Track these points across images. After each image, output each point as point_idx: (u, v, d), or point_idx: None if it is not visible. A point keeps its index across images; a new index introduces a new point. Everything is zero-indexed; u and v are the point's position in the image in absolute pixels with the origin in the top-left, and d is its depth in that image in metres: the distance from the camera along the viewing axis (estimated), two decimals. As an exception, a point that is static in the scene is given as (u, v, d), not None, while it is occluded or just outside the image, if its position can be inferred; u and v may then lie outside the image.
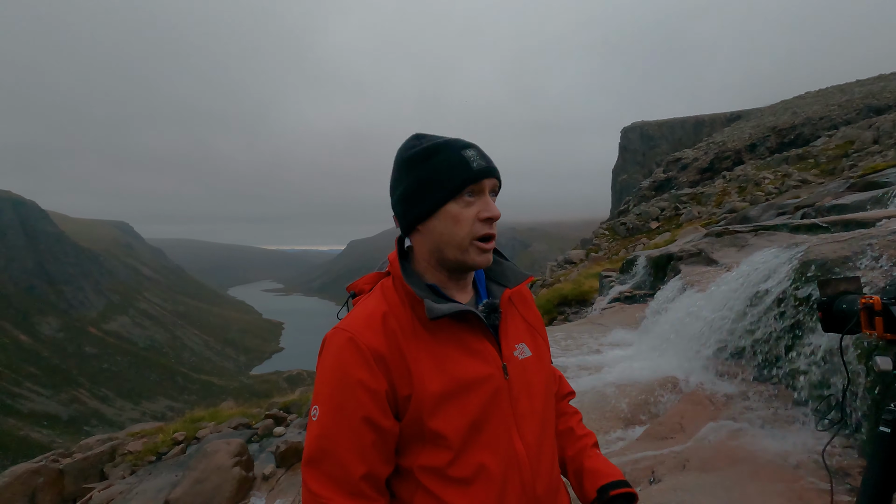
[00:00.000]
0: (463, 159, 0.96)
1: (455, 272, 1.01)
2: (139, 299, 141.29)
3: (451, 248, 0.96)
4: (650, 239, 21.06)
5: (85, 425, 72.51)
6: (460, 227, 0.95)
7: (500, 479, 0.92)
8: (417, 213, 0.98)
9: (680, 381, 3.39)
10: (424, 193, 0.96)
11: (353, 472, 0.87)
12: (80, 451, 7.43)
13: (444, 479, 0.91)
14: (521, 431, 0.97)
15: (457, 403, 0.91)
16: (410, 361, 0.91)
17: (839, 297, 1.17)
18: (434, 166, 0.96)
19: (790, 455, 2.22)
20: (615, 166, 71.58)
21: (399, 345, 0.92)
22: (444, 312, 0.91)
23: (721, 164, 33.73)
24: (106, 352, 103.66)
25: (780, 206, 10.82)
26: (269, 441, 7.27)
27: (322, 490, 0.87)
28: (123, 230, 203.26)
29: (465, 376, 0.93)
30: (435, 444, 0.91)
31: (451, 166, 0.95)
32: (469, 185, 0.95)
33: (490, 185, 0.98)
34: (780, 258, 3.15)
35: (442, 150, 0.97)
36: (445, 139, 0.99)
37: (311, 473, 0.88)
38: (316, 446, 0.89)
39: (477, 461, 0.91)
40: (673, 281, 5.53)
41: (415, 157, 0.98)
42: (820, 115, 33.96)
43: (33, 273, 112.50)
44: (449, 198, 0.95)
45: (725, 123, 55.58)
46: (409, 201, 0.99)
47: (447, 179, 0.94)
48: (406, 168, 0.99)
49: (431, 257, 1.00)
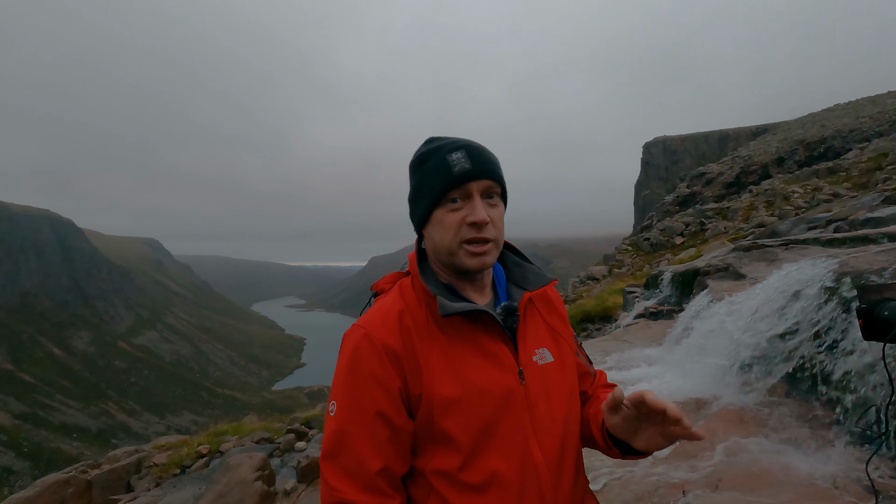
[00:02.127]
0: (446, 164, 0.94)
1: (458, 274, 1.00)
2: (167, 314, 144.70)
3: (443, 252, 0.97)
4: (675, 254, 20.64)
5: (113, 438, 74.00)
6: (447, 233, 0.94)
7: (515, 488, 0.89)
8: (417, 218, 1.01)
9: (709, 399, 3.28)
10: (419, 199, 0.98)
11: (370, 467, 0.88)
12: (108, 463, 7.57)
13: (456, 485, 0.90)
14: (539, 439, 0.93)
15: (467, 406, 0.89)
16: (423, 360, 0.91)
17: (881, 303, 1.11)
18: (424, 172, 0.97)
19: (827, 475, 2.11)
20: (637, 181, 70.75)
21: (413, 343, 0.92)
22: (456, 310, 0.90)
23: (747, 178, 33.01)
24: (134, 366, 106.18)
25: (810, 221, 10.50)
26: (290, 456, 7.28)
27: (339, 484, 0.87)
28: (153, 247, 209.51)
29: (477, 379, 0.91)
30: (446, 447, 0.90)
31: (436, 172, 0.95)
32: (451, 191, 0.93)
33: (480, 188, 0.95)
34: (814, 270, 3.05)
35: (433, 155, 0.97)
36: (442, 143, 0.98)
37: (329, 467, 0.90)
38: (334, 440, 0.90)
39: (489, 467, 0.89)
40: (700, 296, 5.40)
41: (413, 163, 1.01)
42: (850, 127, 33.03)
43: (68, 289, 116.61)
44: (434, 205, 0.95)
45: (751, 137, 54.53)
46: (411, 206, 1.02)
47: (432, 186, 0.95)
48: (410, 173, 1.02)
49: (436, 259, 1.02)
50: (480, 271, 0.98)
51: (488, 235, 0.94)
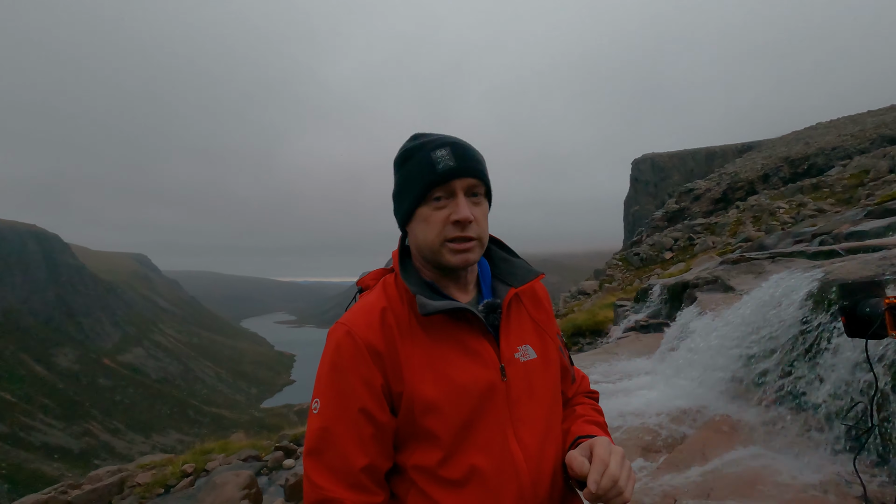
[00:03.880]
0: (430, 161, 0.93)
1: (442, 271, 1.00)
2: (154, 331, 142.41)
3: (426, 250, 0.97)
4: (664, 269, 20.81)
5: (95, 458, 71.97)
6: (430, 231, 0.94)
7: (494, 483, 0.90)
8: (400, 215, 1.01)
9: (699, 409, 3.28)
10: (402, 196, 0.99)
11: (354, 464, 0.88)
12: (89, 483, 7.36)
13: (436, 480, 0.90)
14: (518, 435, 0.93)
15: (448, 404, 0.90)
16: (404, 358, 0.92)
17: (862, 300, 1.14)
18: (408, 169, 0.97)
19: (817, 481, 2.11)
20: (627, 197, 71.63)
21: (395, 341, 0.92)
22: (436, 309, 0.90)
23: (734, 194, 33.56)
24: (119, 384, 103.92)
25: (796, 234, 10.67)
26: (278, 474, 7.13)
27: (323, 481, 0.87)
28: (142, 262, 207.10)
29: (458, 376, 0.91)
30: (426, 443, 0.90)
31: (420, 169, 0.94)
32: (434, 189, 0.93)
33: (464, 186, 0.94)
34: (799, 280, 3.09)
35: (417, 152, 0.97)
36: (426, 140, 0.98)
37: (313, 464, 0.89)
38: (317, 437, 0.90)
39: (468, 463, 0.89)
40: (689, 309, 5.43)
41: (398, 160, 1.01)
42: (833, 145, 33.83)
43: (53, 305, 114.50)
44: (417, 202, 0.95)
45: (737, 154, 55.62)
46: (395, 203, 1.02)
47: (414, 183, 0.95)
48: (395, 169, 1.03)
49: (419, 256, 1.02)
50: (464, 268, 0.98)
51: (472, 234, 0.94)
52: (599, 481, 0.80)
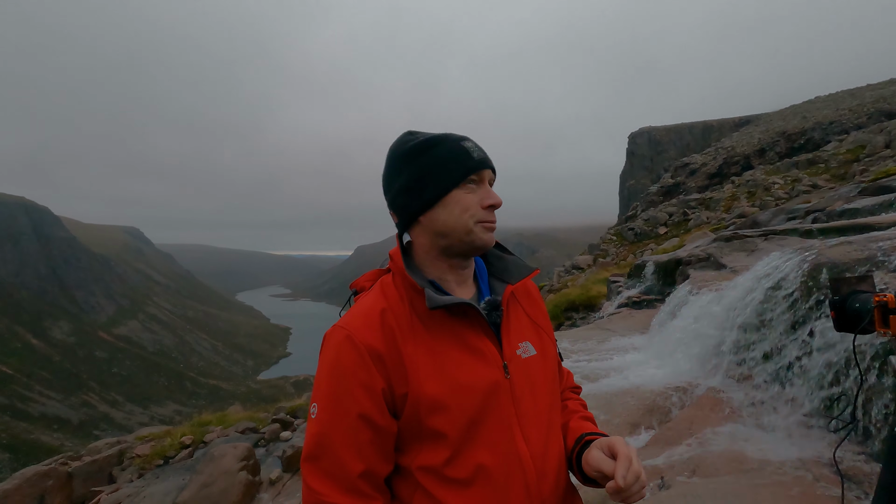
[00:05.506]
0: (464, 149, 0.99)
1: (458, 258, 1.01)
2: (149, 304, 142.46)
3: (458, 231, 0.97)
4: (658, 244, 20.92)
5: (94, 429, 73.00)
6: (465, 213, 0.97)
7: (501, 482, 0.90)
8: (421, 203, 0.98)
9: (689, 386, 3.35)
10: (428, 183, 0.97)
11: (351, 470, 0.88)
12: (88, 455, 7.47)
13: (443, 480, 0.90)
14: (524, 432, 0.95)
15: (453, 403, 0.89)
16: (407, 359, 0.91)
17: (852, 295, 1.15)
18: (436, 156, 0.98)
19: (802, 461, 2.17)
20: (623, 171, 71.34)
21: (396, 342, 0.92)
22: (444, 303, 0.90)
23: (730, 169, 33.49)
24: (116, 356, 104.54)
25: (790, 211, 10.71)
26: (275, 445, 7.27)
27: (320, 487, 0.87)
28: (134, 236, 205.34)
29: (462, 375, 0.91)
30: (432, 442, 0.90)
31: (454, 155, 0.98)
32: (471, 174, 0.97)
33: (490, 176, 1.01)
34: (791, 262, 3.11)
35: (442, 142, 0.99)
36: (442, 133, 1.02)
37: (310, 470, 0.89)
38: (314, 443, 0.89)
39: (475, 462, 0.90)
40: (682, 286, 5.48)
41: (414, 150, 1.00)
42: (830, 119, 33.63)
43: (46, 278, 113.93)
44: (453, 185, 0.97)
45: (734, 128, 55.23)
46: (411, 192, 0.99)
47: (450, 168, 0.97)
48: (405, 160, 1.00)
49: (434, 247, 1.00)
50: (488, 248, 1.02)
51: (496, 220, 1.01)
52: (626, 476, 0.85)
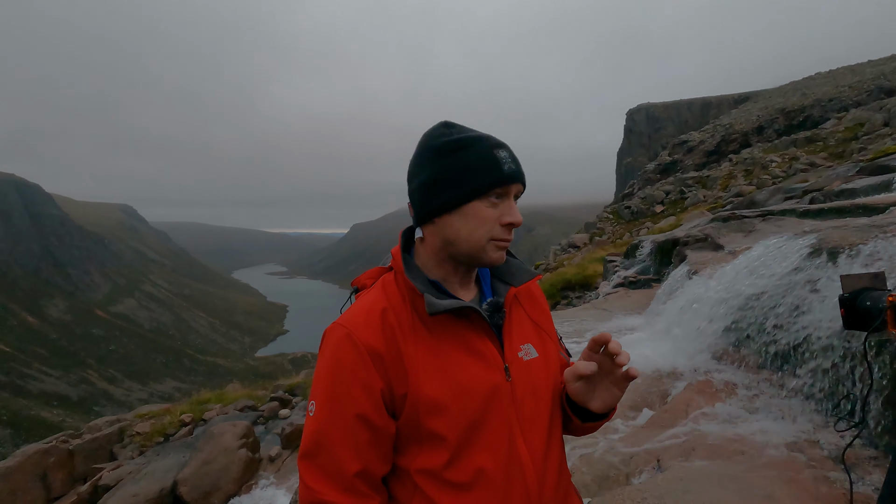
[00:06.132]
0: (495, 159, 0.92)
1: (463, 265, 0.98)
2: (145, 282, 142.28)
3: (468, 244, 0.93)
4: (655, 223, 20.94)
5: (94, 405, 73.77)
6: (481, 228, 0.92)
7: (501, 486, 0.89)
8: (437, 204, 0.93)
9: (686, 369, 3.38)
10: (449, 186, 0.92)
11: (347, 469, 0.87)
12: (89, 432, 7.55)
13: (442, 483, 0.89)
14: (525, 436, 0.93)
15: (454, 404, 0.88)
16: (407, 360, 0.89)
17: (863, 293, 1.12)
18: (463, 160, 0.92)
19: (797, 444, 2.21)
20: (620, 149, 70.87)
21: (397, 342, 0.90)
22: (444, 308, 0.88)
23: (728, 146, 33.30)
24: (113, 334, 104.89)
25: (787, 191, 10.69)
26: (274, 423, 7.36)
27: (317, 484, 0.87)
28: (128, 213, 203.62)
29: (464, 377, 0.90)
30: (431, 444, 0.89)
31: (483, 164, 0.91)
32: (496, 187, 0.91)
33: (517, 191, 0.95)
34: (791, 245, 3.10)
35: (474, 145, 0.92)
36: (478, 134, 0.95)
37: (307, 467, 0.89)
38: (312, 441, 0.88)
39: (475, 465, 0.89)
40: (679, 267, 5.49)
41: (444, 147, 0.93)
42: (830, 96, 33.33)
43: (39, 256, 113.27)
44: (475, 196, 0.91)
45: (733, 105, 54.73)
46: (430, 191, 0.94)
47: (476, 177, 0.90)
48: (432, 156, 0.94)
49: (442, 250, 0.96)
50: (495, 266, 0.99)
51: (512, 238, 0.96)
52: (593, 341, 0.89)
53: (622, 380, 0.92)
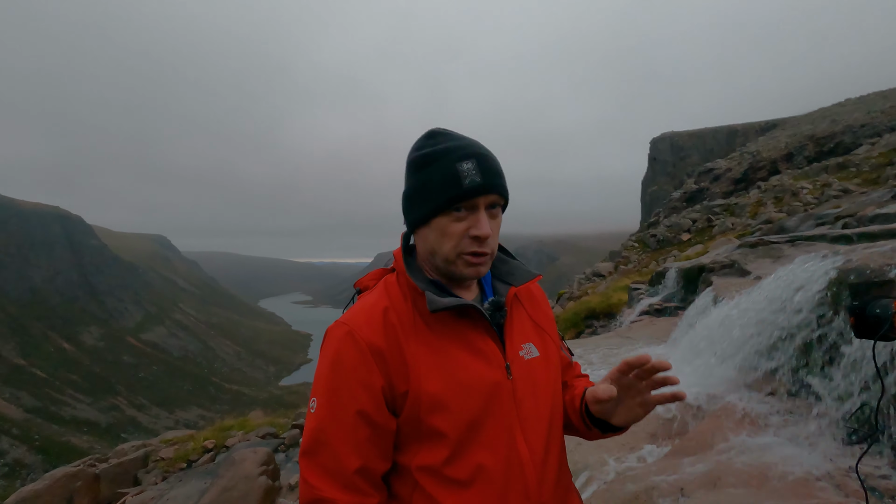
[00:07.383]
0: (455, 174, 0.90)
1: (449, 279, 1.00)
2: (175, 310, 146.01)
3: (439, 259, 0.95)
4: (681, 251, 20.50)
5: (122, 432, 74.87)
6: (447, 242, 0.93)
7: (500, 483, 0.90)
8: (413, 218, 0.97)
9: (711, 397, 3.26)
10: (418, 201, 0.95)
11: (348, 466, 0.88)
12: (115, 457, 7.67)
13: (442, 480, 0.90)
14: (525, 434, 0.94)
15: (454, 402, 0.89)
16: (409, 357, 0.91)
17: (872, 301, 1.11)
18: (427, 176, 0.93)
19: (825, 473, 2.09)
20: (644, 178, 70.34)
21: (398, 340, 0.92)
22: (445, 305, 0.90)
23: (755, 174, 32.66)
24: (143, 361, 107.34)
25: (819, 217, 10.39)
26: (295, 451, 7.34)
27: (317, 481, 0.88)
28: (161, 244, 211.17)
29: (464, 375, 0.91)
30: (432, 441, 0.90)
31: (443, 180, 0.91)
32: (458, 202, 0.91)
33: (487, 202, 0.92)
34: (818, 267, 3.01)
35: (439, 159, 0.93)
36: (447, 146, 0.94)
37: (308, 464, 0.90)
38: (312, 438, 0.90)
39: (475, 462, 0.89)
40: (704, 293, 5.36)
41: (414, 163, 0.97)
42: (861, 122, 32.54)
43: (78, 285, 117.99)
44: (438, 211, 0.92)
45: (760, 133, 53.99)
46: (408, 204, 0.98)
47: (436, 193, 0.91)
48: (408, 170, 0.98)
49: (428, 260, 1.00)
50: (474, 279, 0.99)
51: (487, 249, 0.94)
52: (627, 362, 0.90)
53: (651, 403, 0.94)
